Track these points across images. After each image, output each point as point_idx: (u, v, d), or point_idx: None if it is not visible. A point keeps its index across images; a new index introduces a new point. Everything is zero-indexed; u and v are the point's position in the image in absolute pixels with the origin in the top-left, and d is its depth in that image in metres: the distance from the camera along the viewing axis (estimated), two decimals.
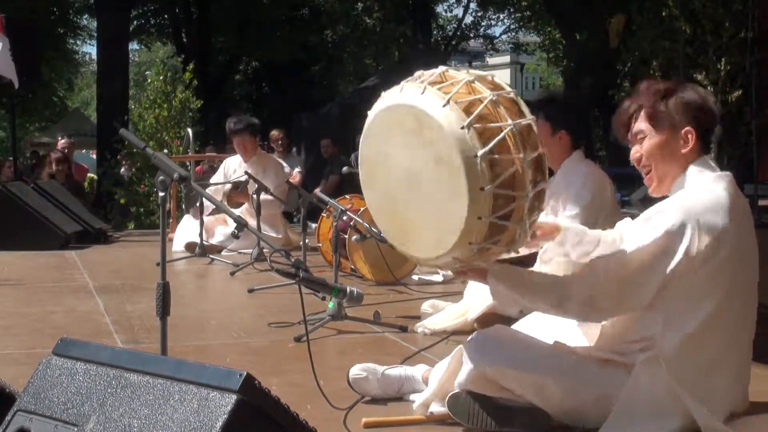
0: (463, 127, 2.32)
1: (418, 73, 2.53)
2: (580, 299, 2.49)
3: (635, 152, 2.60)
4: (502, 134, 2.35)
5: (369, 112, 2.58)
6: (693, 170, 2.53)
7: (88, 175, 13.63)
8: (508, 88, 2.51)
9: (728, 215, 2.44)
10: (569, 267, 2.80)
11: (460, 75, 2.48)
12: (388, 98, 2.52)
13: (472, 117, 2.34)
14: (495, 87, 2.50)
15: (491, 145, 2.33)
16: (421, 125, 2.40)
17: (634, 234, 2.50)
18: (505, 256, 2.56)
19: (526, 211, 2.40)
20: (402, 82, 2.52)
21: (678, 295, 2.46)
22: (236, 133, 7.42)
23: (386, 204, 2.62)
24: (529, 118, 2.44)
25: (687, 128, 2.51)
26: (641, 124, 2.56)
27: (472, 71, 2.54)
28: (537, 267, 3.10)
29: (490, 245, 2.41)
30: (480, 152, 2.31)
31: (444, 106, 2.36)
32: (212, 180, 7.94)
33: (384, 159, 2.56)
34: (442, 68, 2.53)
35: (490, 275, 2.59)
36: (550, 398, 2.60)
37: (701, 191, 2.48)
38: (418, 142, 2.42)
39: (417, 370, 3.01)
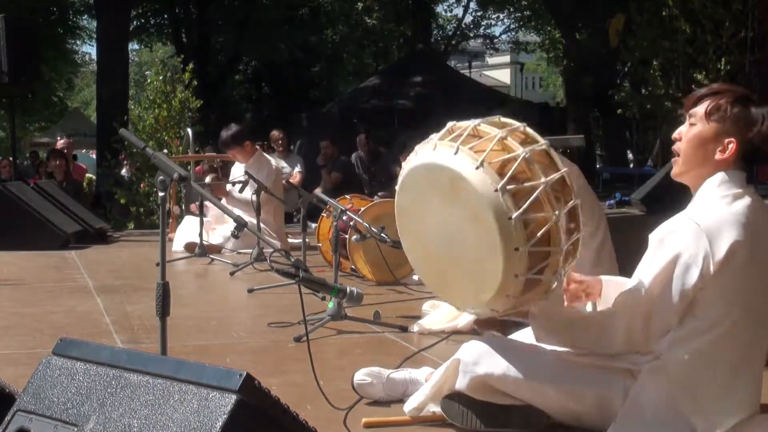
0: (496, 190, 2.36)
1: (449, 125, 2.56)
2: (617, 336, 2.47)
3: (679, 131, 2.56)
4: (535, 194, 2.38)
5: (403, 165, 2.64)
6: (717, 179, 2.47)
7: (87, 175, 13.62)
8: (541, 140, 2.52)
9: (743, 230, 2.38)
10: None
11: (493, 131, 2.50)
12: (422, 155, 2.55)
13: (505, 179, 2.37)
14: (526, 140, 2.51)
15: (525, 206, 2.36)
16: (456, 187, 2.44)
17: (651, 260, 2.44)
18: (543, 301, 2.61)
19: (561, 264, 2.45)
20: (435, 138, 2.55)
21: (691, 311, 2.43)
22: (225, 147, 7.56)
23: (423, 254, 2.68)
24: (562, 170, 2.47)
25: (730, 138, 2.46)
26: (700, 109, 2.51)
27: (503, 120, 2.56)
28: None
29: (526, 298, 2.48)
30: (514, 215, 2.35)
31: (477, 168, 2.39)
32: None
33: (420, 213, 2.62)
34: (474, 122, 2.55)
35: (531, 318, 2.61)
36: (551, 403, 2.60)
37: (716, 206, 2.43)
38: (453, 202, 2.47)
39: (421, 373, 3.00)
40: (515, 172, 2.39)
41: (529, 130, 2.55)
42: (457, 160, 2.43)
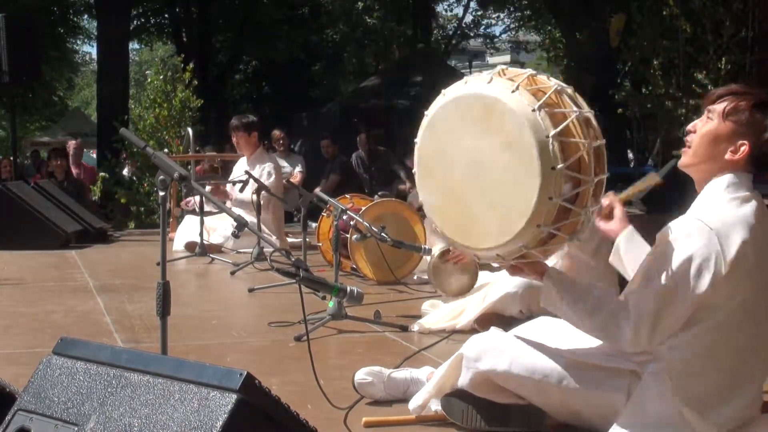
0: (534, 110, 2.38)
1: (474, 75, 2.58)
2: (625, 332, 2.43)
3: (694, 124, 2.57)
4: (568, 120, 2.40)
5: (426, 112, 2.63)
6: (725, 180, 2.47)
7: (100, 174, 13.54)
8: (566, 85, 2.56)
9: (750, 232, 2.38)
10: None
11: (521, 70, 2.55)
12: (452, 92, 2.57)
13: (541, 101, 2.40)
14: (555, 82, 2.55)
15: (561, 127, 2.38)
16: (489, 112, 2.45)
17: (663, 261, 2.42)
18: (567, 247, 2.59)
19: (590, 196, 2.44)
20: (465, 77, 2.59)
21: (694, 315, 2.41)
22: (232, 130, 7.61)
23: (446, 198, 2.63)
24: (588, 110, 2.48)
25: (743, 141, 2.47)
26: (719, 107, 2.52)
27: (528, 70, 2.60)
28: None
29: (555, 231, 2.43)
30: (552, 132, 2.36)
31: (513, 92, 2.41)
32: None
33: (445, 152, 2.59)
34: (500, 67, 2.58)
35: (546, 275, 2.57)
36: (553, 402, 2.60)
37: (724, 208, 2.43)
38: (484, 130, 2.47)
39: (422, 373, 3.00)
40: (548, 100, 2.41)
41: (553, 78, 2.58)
42: (492, 87, 2.45)
